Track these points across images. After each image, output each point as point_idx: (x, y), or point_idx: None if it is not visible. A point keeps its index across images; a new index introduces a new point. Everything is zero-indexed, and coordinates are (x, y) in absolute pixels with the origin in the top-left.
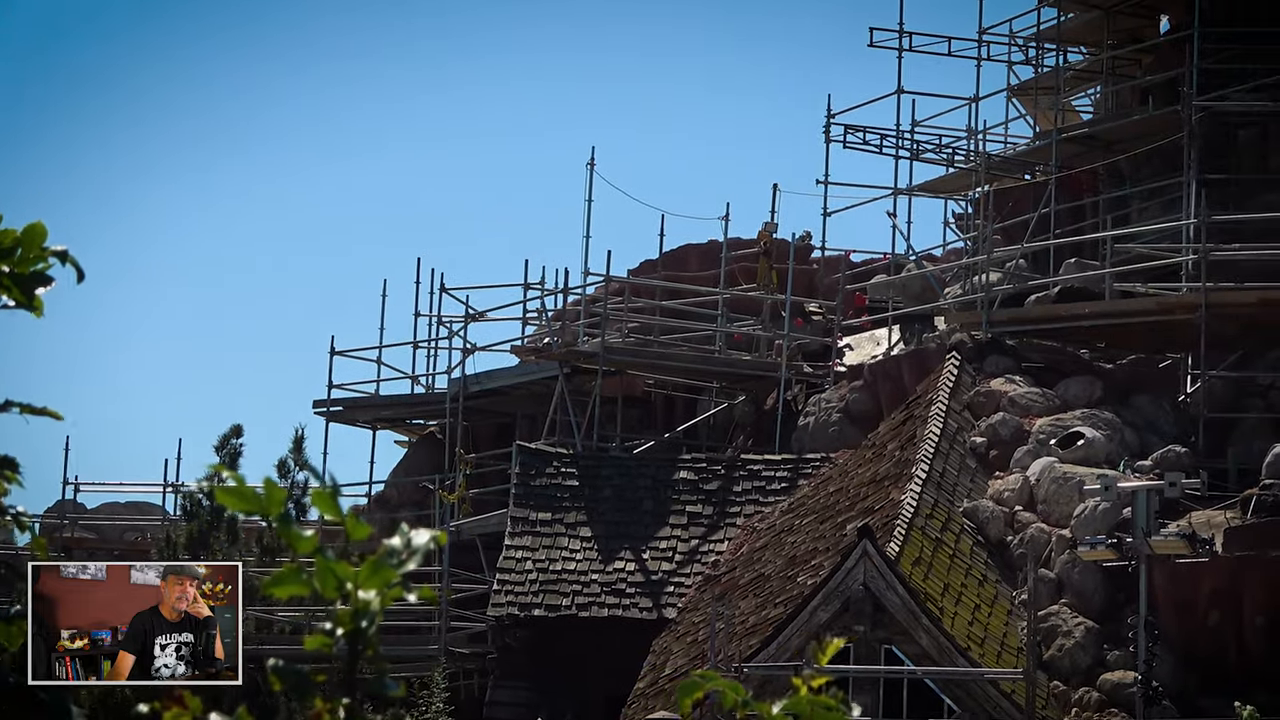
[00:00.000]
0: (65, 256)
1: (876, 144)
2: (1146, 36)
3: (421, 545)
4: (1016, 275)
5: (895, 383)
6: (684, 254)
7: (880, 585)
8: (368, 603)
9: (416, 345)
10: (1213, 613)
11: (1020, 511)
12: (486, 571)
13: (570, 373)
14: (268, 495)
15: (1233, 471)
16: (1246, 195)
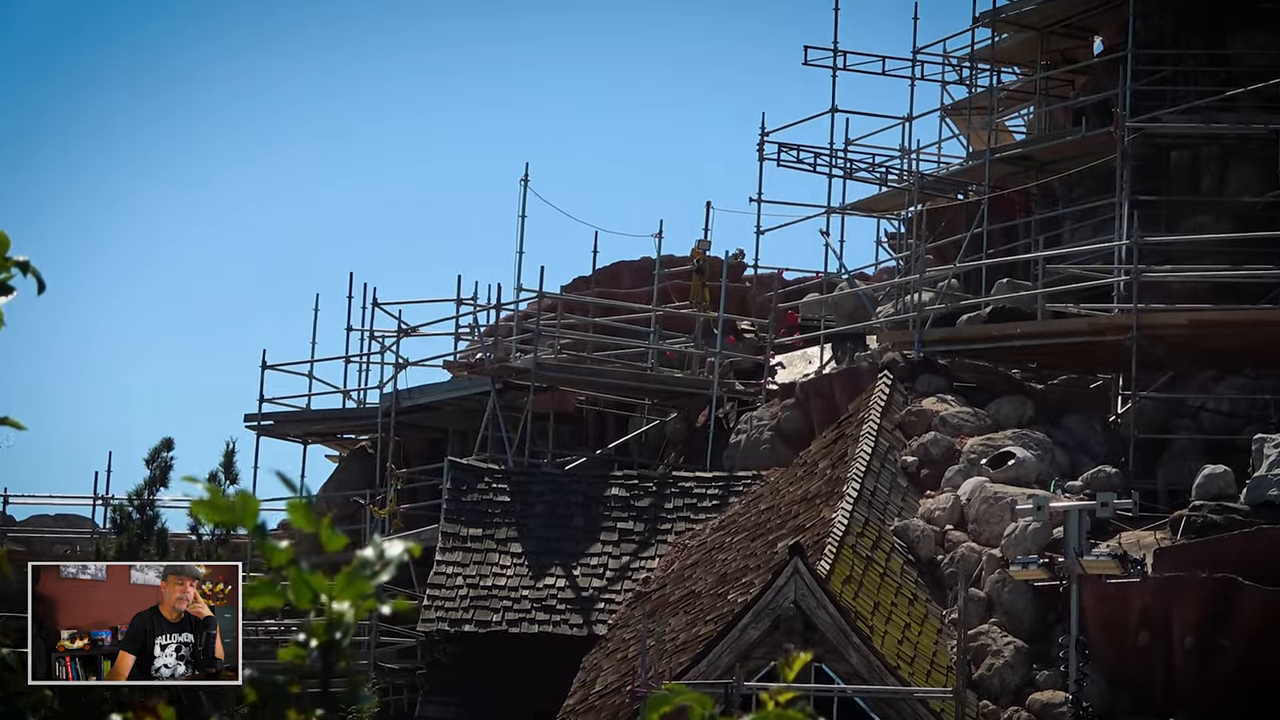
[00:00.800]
0: (27, 267)
1: (810, 162)
2: (1080, 58)
3: (396, 557)
4: (949, 295)
5: (827, 401)
6: (617, 271)
7: (811, 603)
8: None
9: (348, 360)
10: (1142, 633)
11: (951, 531)
12: (417, 587)
13: (502, 388)
14: (242, 507)
15: (1163, 492)
16: (1178, 217)
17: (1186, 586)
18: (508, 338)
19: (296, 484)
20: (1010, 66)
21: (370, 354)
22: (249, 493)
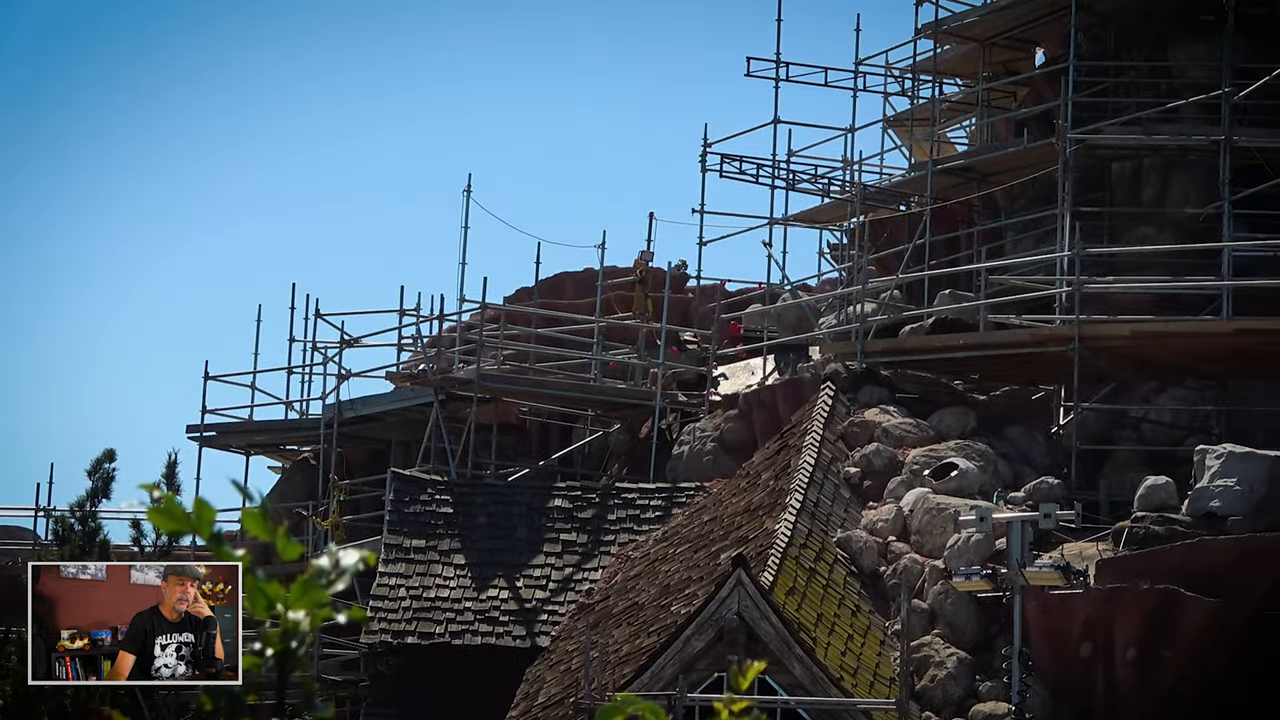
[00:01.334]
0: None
1: (753, 173)
2: (1021, 69)
3: (351, 566)
4: (891, 306)
5: (770, 412)
6: (560, 281)
7: (754, 615)
8: (297, 623)
9: (291, 371)
10: (1085, 644)
11: (894, 542)
12: (359, 598)
13: (445, 399)
14: (198, 515)
15: (1104, 503)
16: (1120, 228)
17: (1128, 598)
18: (450, 349)
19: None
20: (952, 78)
21: (313, 365)
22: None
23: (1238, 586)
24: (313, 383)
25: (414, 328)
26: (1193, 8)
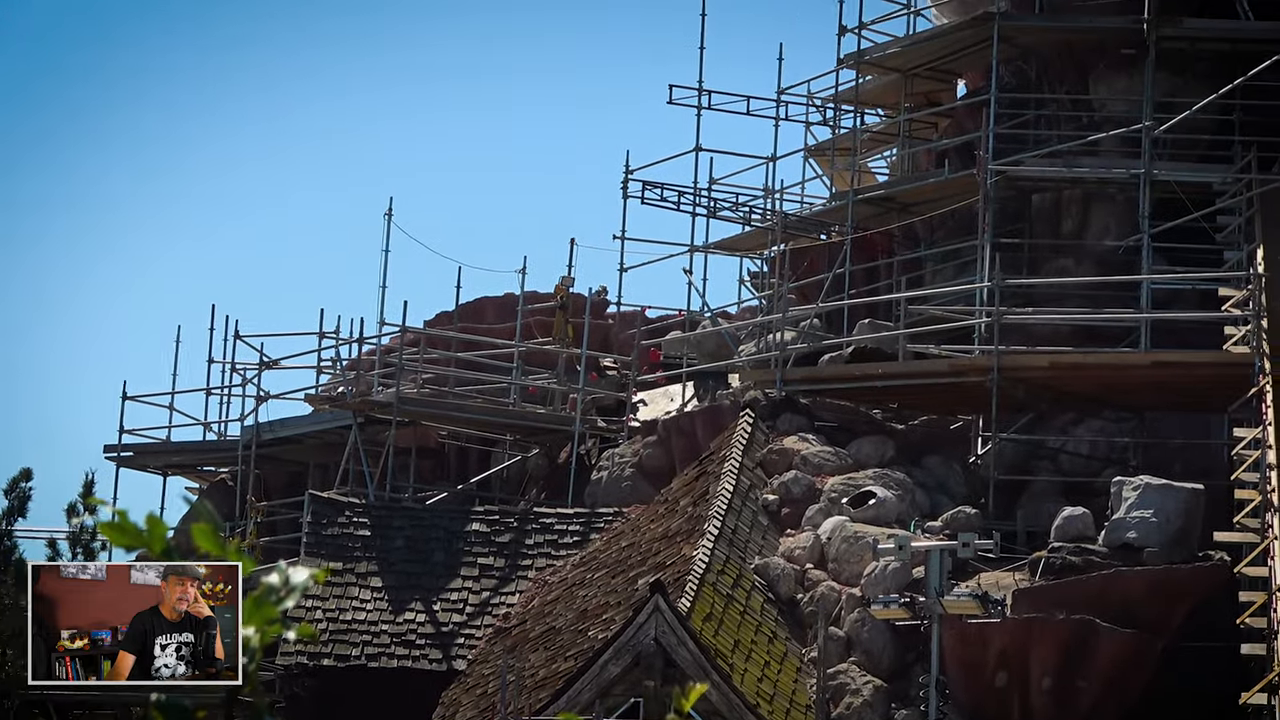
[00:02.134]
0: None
1: (674, 201)
2: (943, 100)
3: (301, 583)
4: (811, 334)
5: (689, 439)
6: (480, 306)
7: (671, 640)
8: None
9: (209, 392)
10: (1001, 673)
11: (811, 569)
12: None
13: (364, 422)
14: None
15: (1022, 533)
16: (1040, 260)
17: (1045, 627)
18: (370, 372)
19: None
20: (874, 108)
21: (231, 387)
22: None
23: (1153, 617)
24: (231, 404)
25: (333, 350)
26: (1113, 42)
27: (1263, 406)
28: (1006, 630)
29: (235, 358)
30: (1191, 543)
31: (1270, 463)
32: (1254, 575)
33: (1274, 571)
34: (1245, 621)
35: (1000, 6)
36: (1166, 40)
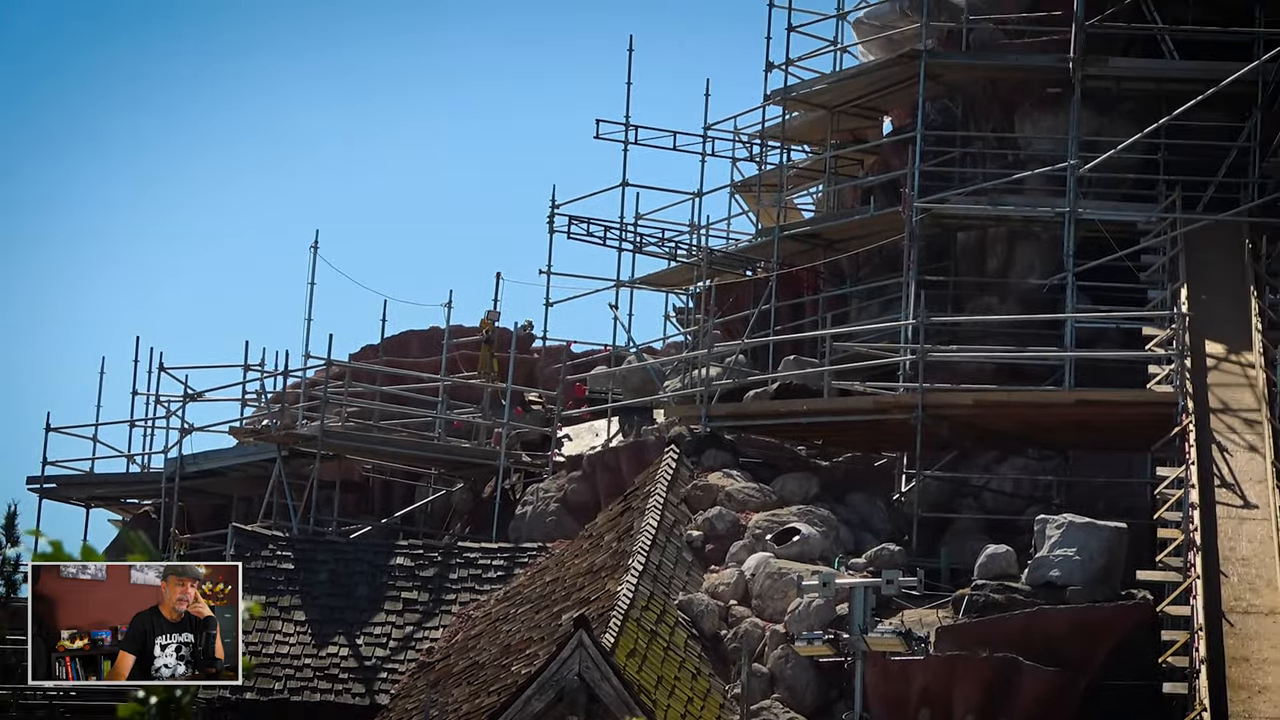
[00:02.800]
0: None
1: (600, 235)
2: (869, 137)
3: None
4: (736, 370)
5: (613, 474)
6: (406, 340)
7: (595, 676)
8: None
9: (133, 424)
10: (924, 710)
11: (735, 605)
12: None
13: (288, 455)
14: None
15: (945, 571)
16: (964, 298)
17: (968, 665)
18: (294, 405)
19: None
20: (800, 145)
21: (155, 418)
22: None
23: (1076, 656)
24: (155, 436)
25: (258, 383)
26: (1039, 80)
27: (1185, 446)
28: (930, 668)
29: (160, 390)
30: (1114, 581)
31: (1193, 502)
32: (1176, 614)
33: (1196, 610)
34: (1167, 660)
35: (926, 44)
36: (1092, 79)
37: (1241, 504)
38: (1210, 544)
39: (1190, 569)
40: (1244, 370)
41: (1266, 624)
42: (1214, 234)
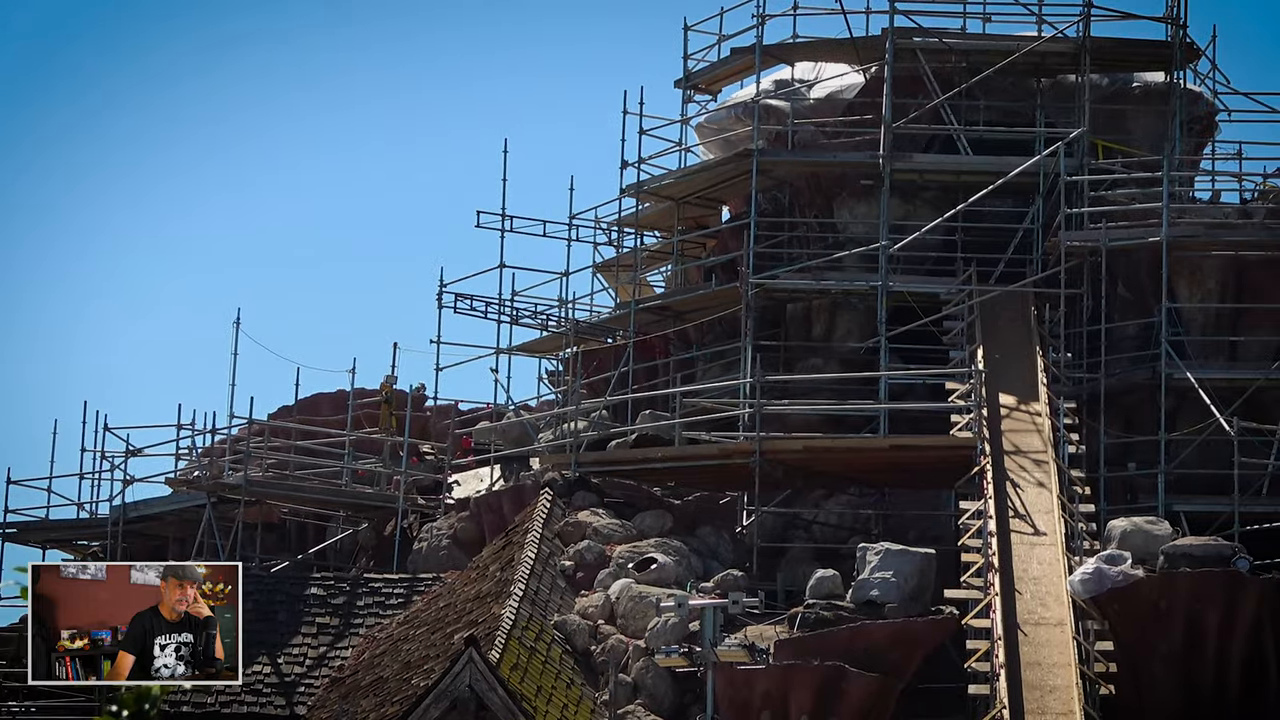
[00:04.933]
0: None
1: (482, 310)
2: (710, 224)
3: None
4: (600, 424)
5: (497, 514)
6: (316, 401)
7: (483, 687)
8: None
9: (82, 476)
10: (765, 713)
11: (603, 625)
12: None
13: (216, 502)
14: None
15: (781, 592)
16: (794, 359)
17: (802, 672)
18: (221, 458)
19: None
20: (652, 230)
21: (101, 472)
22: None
23: (894, 663)
24: (101, 487)
25: (190, 440)
26: (854, 174)
27: (984, 483)
28: (770, 675)
29: (105, 446)
30: (926, 599)
31: (991, 530)
32: (979, 626)
33: (995, 623)
34: (972, 666)
35: (758, 145)
36: (899, 173)
37: (1033, 532)
38: (1006, 566)
39: (990, 588)
40: (1032, 418)
41: (1055, 633)
42: (1005, 303)
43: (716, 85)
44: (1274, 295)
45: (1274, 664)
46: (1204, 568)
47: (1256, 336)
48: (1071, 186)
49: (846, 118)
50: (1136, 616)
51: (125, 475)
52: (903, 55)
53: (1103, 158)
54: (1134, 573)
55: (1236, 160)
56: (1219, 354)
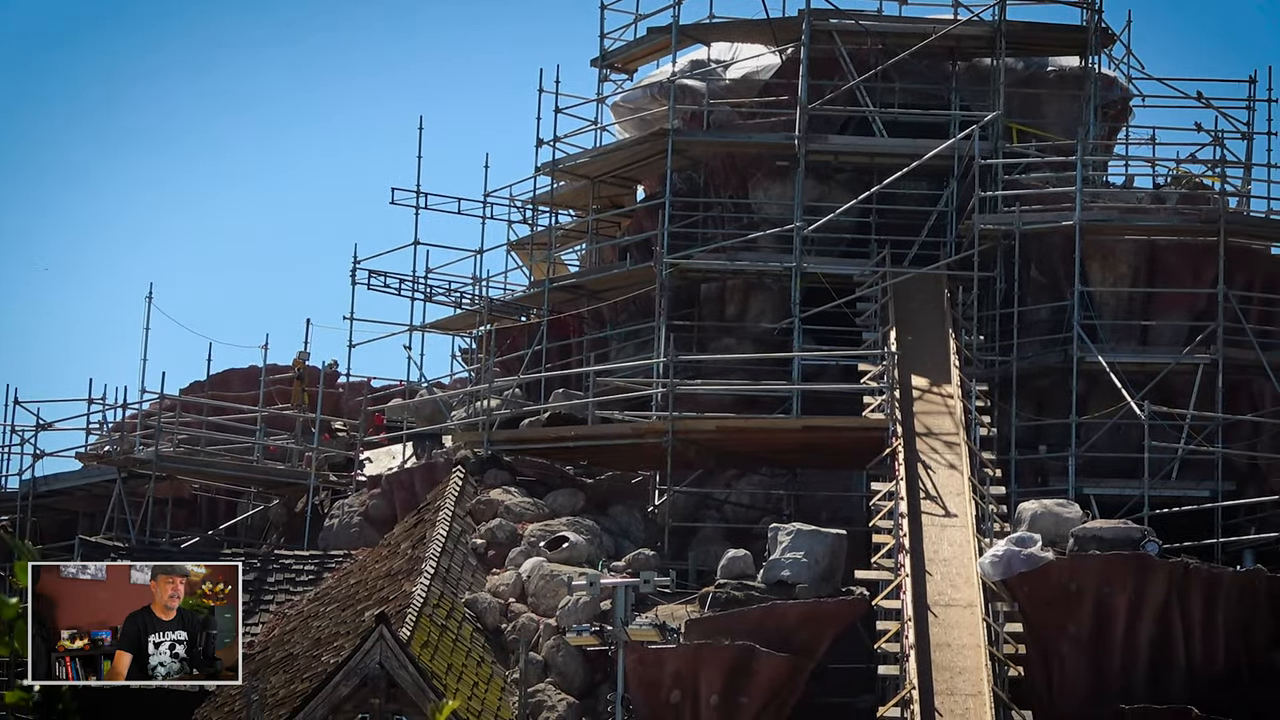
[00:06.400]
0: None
1: (396, 287)
2: (625, 203)
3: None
4: (513, 402)
5: (408, 491)
6: (228, 376)
7: (394, 664)
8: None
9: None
10: (675, 691)
11: (514, 603)
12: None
13: (127, 477)
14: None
15: (693, 572)
16: (707, 339)
17: (712, 652)
18: (133, 433)
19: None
20: (567, 209)
21: (11, 446)
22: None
23: (804, 643)
24: (10, 461)
25: (101, 414)
26: (769, 155)
27: (895, 464)
28: (680, 655)
29: (15, 420)
30: (836, 579)
31: (902, 512)
32: (889, 607)
33: (906, 604)
34: (881, 646)
35: (674, 124)
36: (814, 154)
37: (943, 513)
38: (917, 547)
39: (900, 569)
40: (944, 400)
41: (965, 615)
42: (918, 285)
43: (633, 65)
44: (1186, 280)
45: (1181, 646)
46: (1113, 550)
47: (1168, 321)
48: (986, 170)
49: (762, 98)
50: (1046, 598)
51: (35, 449)
52: (819, 37)
53: (1017, 141)
54: (1044, 555)
55: (1150, 145)
56: (1130, 338)
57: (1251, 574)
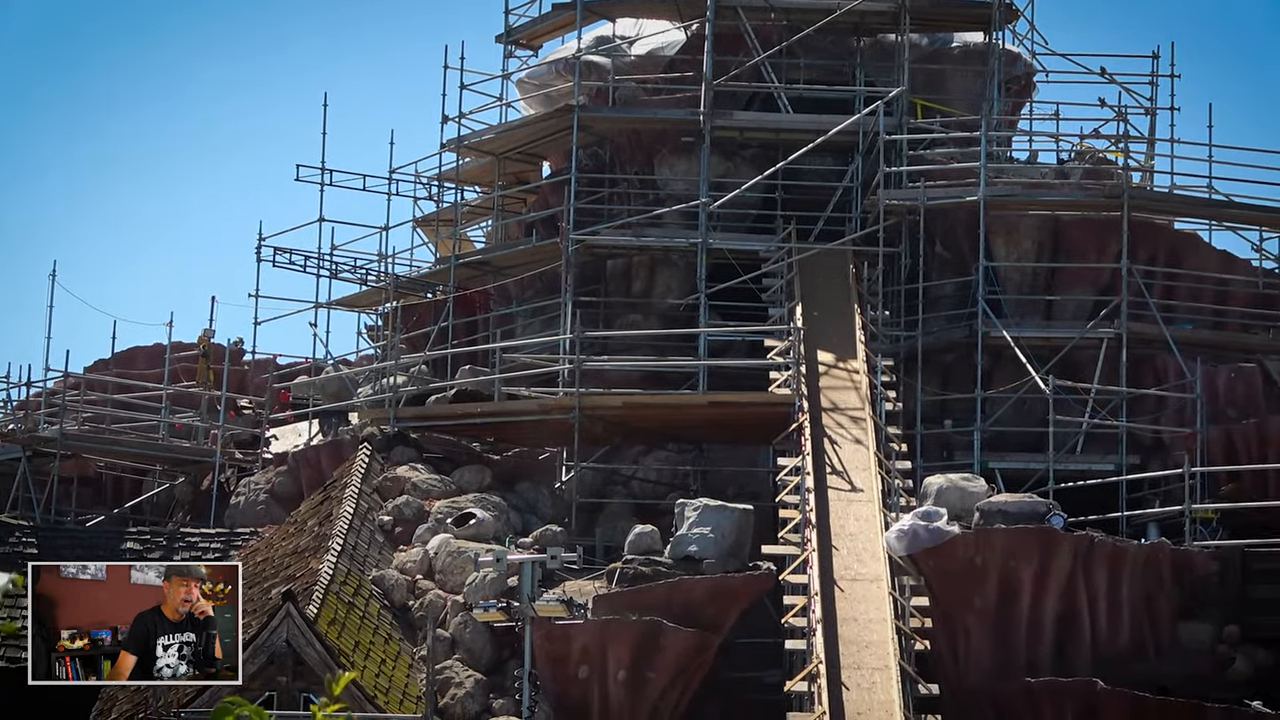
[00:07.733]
0: None
1: (301, 264)
2: (531, 179)
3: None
4: (419, 379)
5: (315, 469)
6: (133, 354)
7: (301, 642)
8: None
9: None
10: (583, 667)
11: (421, 580)
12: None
13: (31, 455)
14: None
15: (600, 548)
16: (614, 315)
17: (620, 628)
18: (37, 411)
19: None
20: (472, 186)
21: None
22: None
23: (711, 618)
24: None
25: (4, 392)
26: (675, 131)
27: (801, 440)
28: (588, 630)
29: None
30: (743, 555)
31: (808, 487)
32: (796, 582)
33: (812, 579)
34: (789, 621)
35: (579, 101)
36: (720, 130)
37: (849, 488)
38: (824, 522)
39: (807, 544)
40: (850, 375)
41: (871, 589)
42: (824, 261)
43: (538, 41)
44: (1089, 255)
45: (1086, 619)
46: (1019, 524)
47: (1072, 296)
48: (890, 145)
49: (667, 74)
50: (951, 572)
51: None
52: (724, 13)
53: (921, 117)
54: (949, 529)
55: (1054, 121)
56: (1035, 313)
57: (1156, 547)
